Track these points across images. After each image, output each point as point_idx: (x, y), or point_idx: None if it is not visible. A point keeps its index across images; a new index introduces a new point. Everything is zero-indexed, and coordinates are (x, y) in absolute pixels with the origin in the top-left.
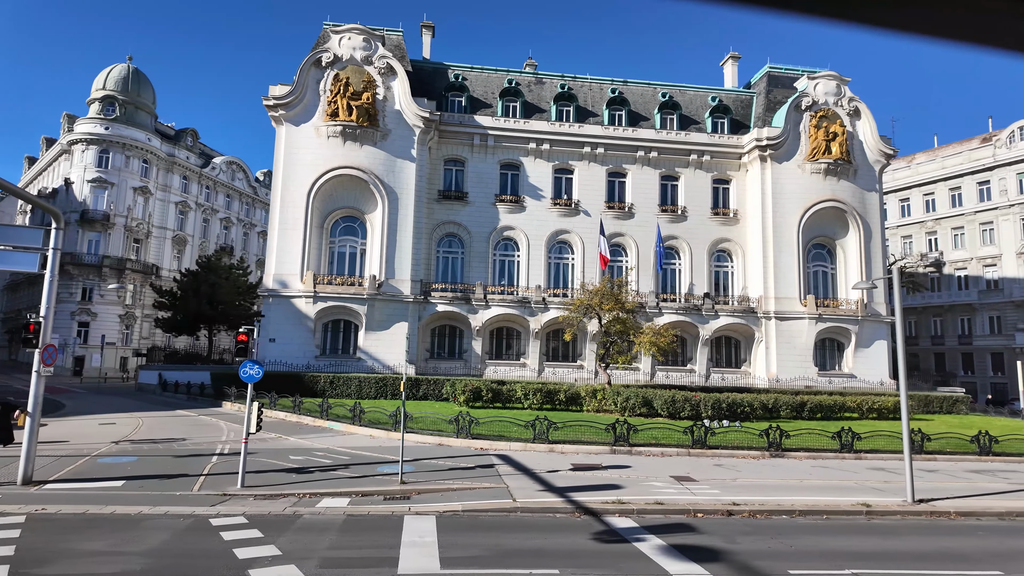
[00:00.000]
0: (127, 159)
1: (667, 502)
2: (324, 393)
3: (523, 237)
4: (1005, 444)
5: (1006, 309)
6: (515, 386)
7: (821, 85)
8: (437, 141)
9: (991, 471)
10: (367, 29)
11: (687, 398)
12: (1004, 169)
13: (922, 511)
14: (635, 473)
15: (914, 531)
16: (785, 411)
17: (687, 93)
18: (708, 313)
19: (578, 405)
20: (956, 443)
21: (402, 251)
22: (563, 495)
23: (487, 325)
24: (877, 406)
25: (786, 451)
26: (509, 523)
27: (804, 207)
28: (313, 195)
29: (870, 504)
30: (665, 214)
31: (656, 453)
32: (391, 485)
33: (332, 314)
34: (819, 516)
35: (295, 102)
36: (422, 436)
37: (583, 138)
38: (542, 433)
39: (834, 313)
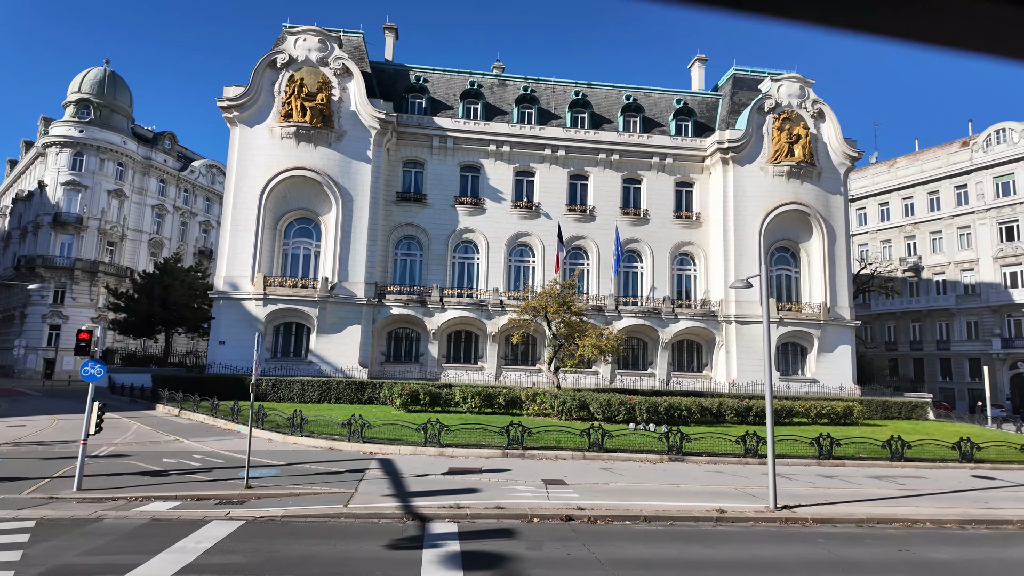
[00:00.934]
0: (101, 162)
1: (509, 507)
2: (265, 396)
3: (483, 239)
4: (919, 449)
5: (983, 314)
6: (454, 390)
7: (784, 87)
8: (395, 143)
9: (892, 477)
10: (323, 31)
11: (623, 402)
12: (981, 173)
13: (778, 518)
14: (509, 477)
15: (753, 538)
16: (730, 416)
17: (652, 96)
18: (668, 316)
19: (519, 408)
20: (869, 449)
21: (356, 253)
22: (405, 500)
23: (444, 328)
24: (826, 411)
25: (686, 455)
26: (318, 529)
27: (766, 210)
28: (266, 196)
29: (725, 510)
30: (627, 217)
31: (550, 456)
32: (237, 489)
33: (283, 316)
34: (665, 522)
35: (249, 103)
36: (315, 440)
37: (544, 140)
38: (433, 437)
39: (796, 317)
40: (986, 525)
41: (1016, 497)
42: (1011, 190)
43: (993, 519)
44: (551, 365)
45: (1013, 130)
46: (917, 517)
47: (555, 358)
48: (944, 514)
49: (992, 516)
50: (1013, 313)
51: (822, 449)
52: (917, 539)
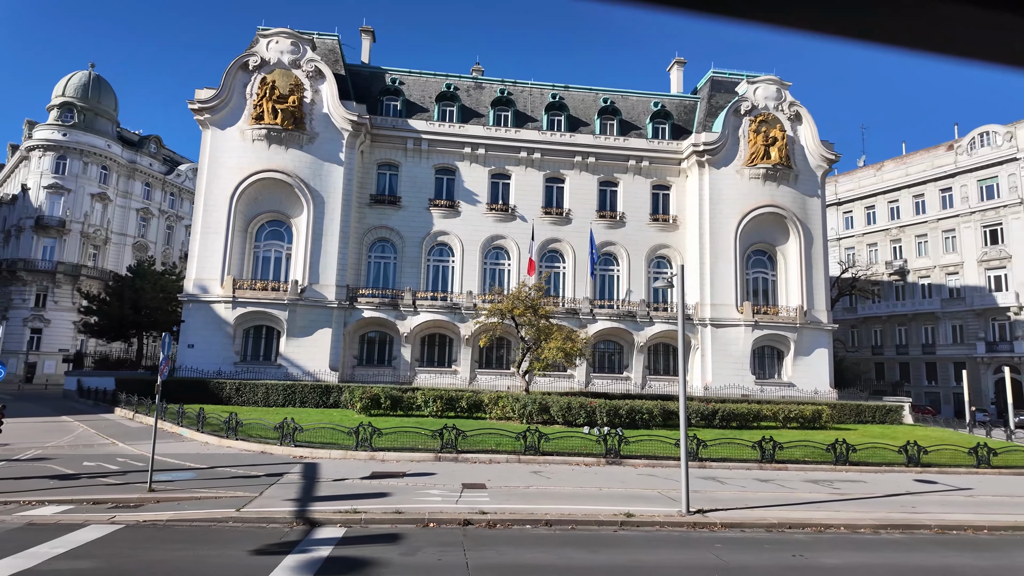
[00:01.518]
0: (85, 165)
1: (409, 511)
2: (229, 400)
3: (458, 242)
4: (865, 453)
5: (968, 318)
6: (416, 393)
7: (761, 89)
8: (370, 145)
9: (830, 481)
10: (295, 33)
11: (583, 405)
12: (965, 176)
13: (686, 522)
14: (430, 480)
15: (648, 543)
16: (696, 419)
17: (630, 99)
18: (643, 320)
19: (483, 412)
20: (815, 453)
21: (327, 255)
22: (305, 504)
23: (416, 332)
24: (795, 415)
25: (624, 458)
26: (196, 534)
27: (742, 213)
28: (236, 199)
29: (633, 514)
30: (603, 220)
31: (484, 460)
32: (138, 493)
33: (252, 320)
34: (567, 526)
35: (220, 105)
36: (249, 444)
37: (520, 143)
38: (365, 440)
39: (771, 320)
40: (901, 530)
41: (946, 501)
42: (995, 193)
43: (911, 524)
44: (521, 369)
45: (996, 133)
46: (832, 522)
47: (524, 361)
48: (861, 519)
49: (911, 521)
50: (997, 317)
51: (764, 453)
52: (820, 544)
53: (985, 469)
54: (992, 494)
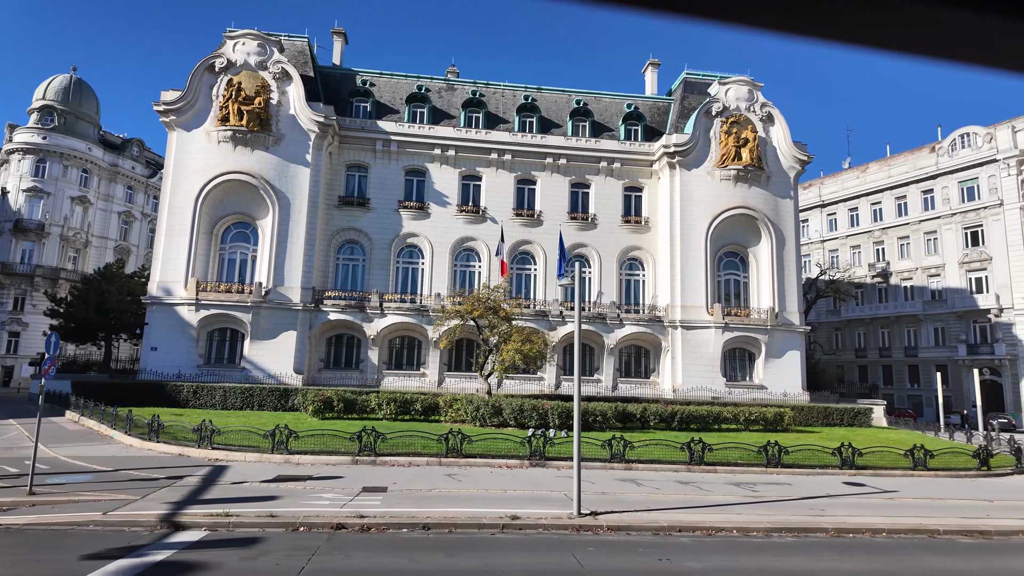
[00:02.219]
0: (65, 168)
1: (283, 515)
2: (187, 403)
3: (427, 244)
4: (798, 456)
5: (949, 320)
6: (369, 396)
7: (733, 90)
8: (338, 147)
9: (754, 483)
10: (262, 35)
11: (535, 407)
12: (946, 177)
13: (572, 525)
14: (333, 484)
15: (518, 546)
16: (655, 421)
17: (603, 100)
18: (613, 322)
19: (438, 415)
20: (748, 455)
21: (293, 258)
22: (182, 508)
23: (384, 334)
24: (755, 417)
25: (549, 460)
26: (45, 537)
27: (712, 214)
28: (201, 200)
29: (519, 517)
30: (575, 222)
31: (403, 463)
32: (17, 496)
33: (216, 322)
34: (445, 530)
35: (186, 107)
36: (169, 446)
37: (490, 144)
38: (281, 443)
39: (742, 323)
40: (796, 533)
41: (862, 504)
42: (975, 195)
43: (808, 527)
44: (483, 371)
45: (977, 134)
46: (726, 525)
47: (486, 364)
48: (758, 522)
49: (810, 524)
50: (978, 319)
51: (693, 455)
52: (700, 548)
53: (921, 471)
54: (916, 496)
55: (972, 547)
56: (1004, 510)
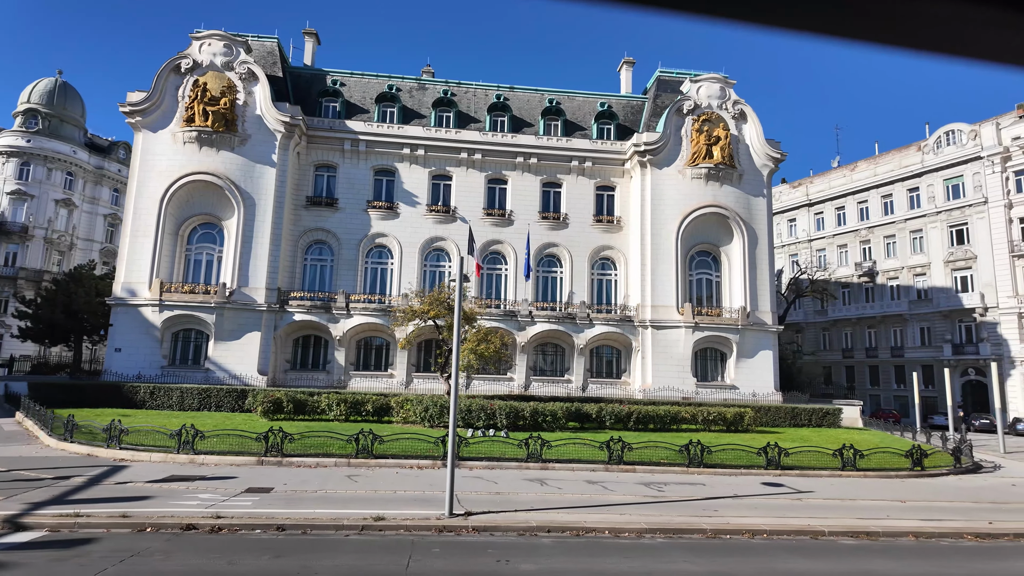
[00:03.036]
0: (49, 171)
1: (137, 515)
2: (144, 404)
3: (396, 244)
4: (723, 455)
5: (934, 320)
6: (320, 397)
7: (704, 88)
8: (306, 147)
9: (665, 483)
10: (228, 35)
11: (483, 407)
12: (932, 175)
13: (438, 526)
14: (223, 484)
15: (364, 548)
16: (610, 420)
17: (576, 99)
18: (583, 322)
19: (390, 416)
20: (670, 454)
21: (258, 258)
22: (39, 508)
23: (351, 335)
24: (714, 417)
25: (463, 460)
26: None
27: (683, 213)
28: (166, 201)
29: (384, 517)
30: (546, 221)
31: (309, 464)
32: None
33: (181, 323)
34: (299, 531)
35: (152, 108)
36: (81, 447)
37: (461, 144)
38: (187, 443)
39: (712, 322)
40: (669, 534)
41: (763, 504)
42: (960, 192)
43: (687, 528)
44: (442, 371)
45: (962, 132)
46: (598, 526)
47: (447, 364)
48: (635, 523)
49: (690, 525)
50: (963, 318)
51: (612, 454)
52: (551, 549)
53: (850, 472)
54: (828, 497)
55: (850, 548)
56: (910, 511)
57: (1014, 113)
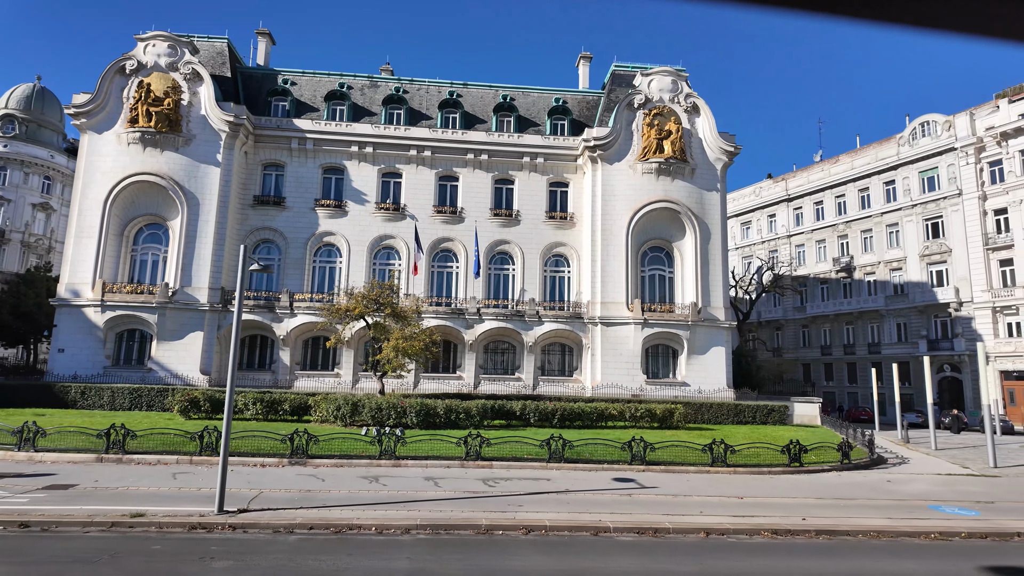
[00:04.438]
0: (26, 176)
1: None
2: (75, 404)
3: (344, 243)
4: (584, 450)
5: (911, 315)
6: (238, 396)
7: (656, 82)
8: (254, 146)
9: (505, 479)
10: (173, 36)
11: (394, 405)
12: (907, 168)
13: (194, 523)
14: (27, 481)
15: (82, 542)
16: (534, 418)
17: (530, 95)
18: (531, 319)
19: (309, 414)
20: (531, 450)
21: (201, 258)
22: None
23: (296, 334)
24: (642, 413)
25: (311, 457)
26: None
27: (634, 209)
28: (110, 202)
29: (143, 514)
30: (498, 218)
31: (151, 461)
32: None
33: (123, 324)
34: (49, 527)
35: (96, 110)
36: None
37: (410, 141)
38: (28, 440)
39: (662, 318)
40: (439, 531)
41: (582, 500)
42: (935, 185)
43: (461, 524)
44: (375, 370)
45: (936, 123)
46: (367, 523)
47: (377, 363)
48: (409, 519)
49: (466, 521)
50: (939, 314)
51: (469, 450)
52: (303, 546)
53: (719, 468)
54: (670, 493)
55: (621, 544)
56: (735, 507)
57: (992, 103)
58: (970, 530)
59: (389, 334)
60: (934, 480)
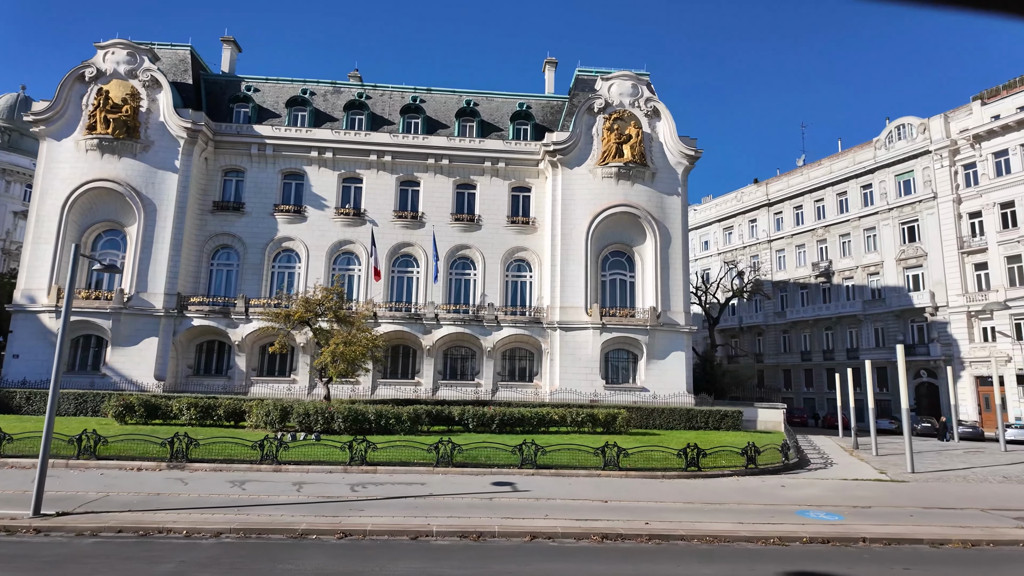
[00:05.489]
0: (7, 184)
1: None
2: (20, 409)
3: (303, 248)
4: (474, 453)
5: (888, 320)
6: (171, 402)
7: (616, 86)
8: (214, 152)
9: (365, 484)
10: (132, 44)
11: (321, 410)
12: (884, 171)
13: (13, 526)
14: None
15: None
16: (473, 423)
17: (495, 100)
18: (490, 324)
19: (244, 420)
20: (419, 455)
21: (157, 263)
22: None
23: (252, 340)
24: (583, 418)
25: (192, 461)
26: None
27: (593, 213)
28: (68, 208)
29: None
30: (459, 223)
31: (26, 465)
32: None
33: (78, 329)
34: None
35: (55, 117)
36: None
37: (371, 146)
38: None
39: (620, 323)
40: (241, 534)
41: (439, 504)
42: (911, 188)
43: (274, 528)
44: (321, 376)
45: (912, 125)
46: (175, 525)
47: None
48: (213, 522)
49: (269, 525)
50: (915, 318)
51: (354, 455)
52: (72, 550)
53: (611, 472)
54: (540, 496)
55: (429, 548)
56: (590, 510)
57: (967, 106)
58: (813, 535)
59: (325, 338)
60: (832, 486)
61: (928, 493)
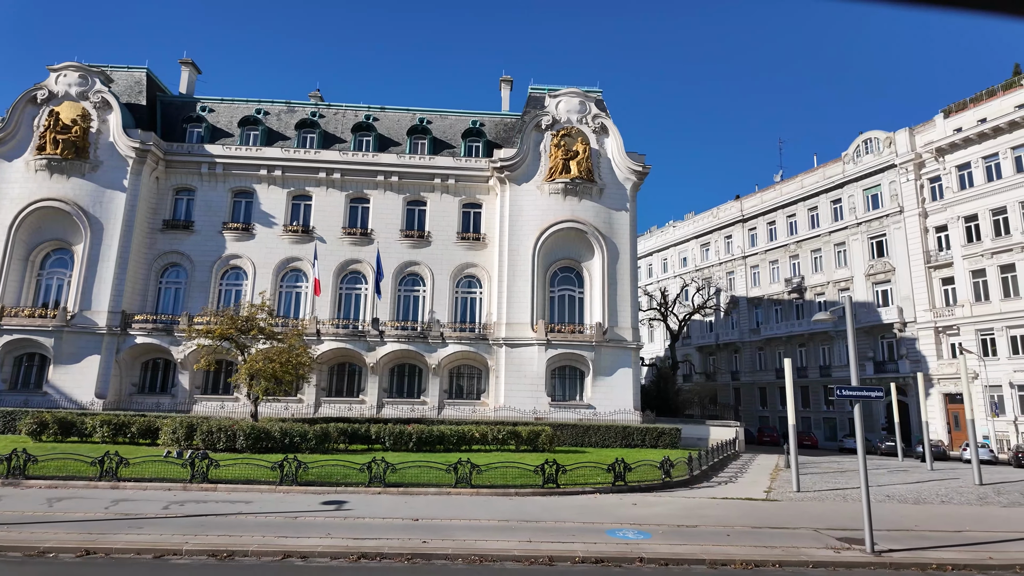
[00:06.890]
0: None
1: None
2: None
3: (251, 265)
4: (320, 472)
5: (859, 336)
6: (86, 419)
7: (563, 103)
8: (165, 171)
9: (192, 501)
10: (84, 67)
11: (224, 428)
12: (852, 186)
13: None
14: None
15: None
16: (389, 441)
17: (449, 118)
18: (435, 341)
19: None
20: (261, 472)
21: (103, 282)
22: None
23: (193, 358)
24: (505, 435)
25: (29, 478)
26: None
27: (540, 229)
28: (15, 228)
29: None
30: (408, 239)
31: None
32: None
33: (21, 347)
34: None
35: (7, 138)
36: None
37: (320, 164)
38: None
39: (565, 339)
40: None
41: (239, 524)
42: (879, 202)
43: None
44: (248, 394)
45: (878, 139)
46: None
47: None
48: None
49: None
50: (885, 334)
51: (194, 472)
52: None
53: (463, 489)
54: (359, 516)
55: (165, 567)
56: (392, 530)
57: (933, 120)
58: (589, 554)
59: (257, 356)
60: (692, 504)
61: (783, 513)
